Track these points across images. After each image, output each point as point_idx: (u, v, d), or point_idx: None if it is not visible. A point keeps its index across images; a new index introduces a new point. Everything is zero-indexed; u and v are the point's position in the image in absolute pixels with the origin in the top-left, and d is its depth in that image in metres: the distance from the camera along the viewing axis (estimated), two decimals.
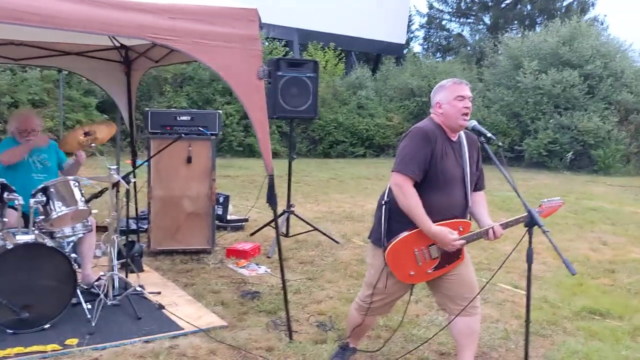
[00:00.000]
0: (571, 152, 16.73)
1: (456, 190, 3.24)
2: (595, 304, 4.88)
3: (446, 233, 3.13)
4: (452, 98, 3.19)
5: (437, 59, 27.29)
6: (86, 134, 4.27)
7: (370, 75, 21.49)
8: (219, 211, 7.17)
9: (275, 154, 15.59)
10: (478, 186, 3.42)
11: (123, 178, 4.21)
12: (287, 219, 6.67)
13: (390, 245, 3.16)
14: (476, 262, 5.88)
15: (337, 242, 6.62)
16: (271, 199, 3.80)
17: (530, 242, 2.93)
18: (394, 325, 4.05)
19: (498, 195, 9.89)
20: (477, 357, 3.73)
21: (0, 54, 5.37)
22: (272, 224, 6.60)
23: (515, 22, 28.19)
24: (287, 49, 19.59)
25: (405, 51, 26.51)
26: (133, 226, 6.44)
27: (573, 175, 15.98)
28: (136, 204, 6.19)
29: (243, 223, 7.21)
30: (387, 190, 3.30)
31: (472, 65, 22.89)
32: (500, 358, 3.78)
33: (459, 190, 3.25)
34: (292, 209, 6.69)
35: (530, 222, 2.94)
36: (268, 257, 5.94)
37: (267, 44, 18.44)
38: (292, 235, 6.71)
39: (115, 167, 4.17)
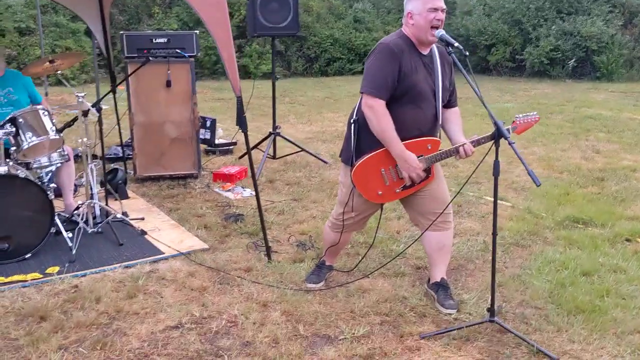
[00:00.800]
0: (573, 60, 16.31)
1: (426, 106, 3.14)
2: (580, 212, 4.87)
3: (415, 160, 3.07)
4: (424, 9, 3.04)
5: None
6: (51, 61, 4.15)
7: None
8: (207, 135, 7.12)
9: (270, 75, 15.32)
10: (451, 102, 3.31)
11: (93, 105, 4.13)
12: (274, 141, 6.61)
13: (356, 166, 3.11)
14: (464, 176, 5.86)
15: (325, 162, 6.59)
16: (240, 122, 3.73)
17: (496, 155, 2.87)
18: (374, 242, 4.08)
19: (494, 107, 9.73)
20: (453, 269, 3.76)
21: None
22: (259, 146, 6.58)
23: None
24: None
25: None
26: (119, 153, 6.43)
27: (575, 83, 15.67)
28: (120, 131, 6.14)
29: (231, 147, 7.16)
30: (356, 108, 3.22)
31: None
32: (475, 269, 3.80)
33: (429, 106, 3.15)
34: (278, 130, 6.61)
35: (497, 135, 2.87)
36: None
37: None
38: (280, 157, 6.67)
39: (83, 94, 4.08)
